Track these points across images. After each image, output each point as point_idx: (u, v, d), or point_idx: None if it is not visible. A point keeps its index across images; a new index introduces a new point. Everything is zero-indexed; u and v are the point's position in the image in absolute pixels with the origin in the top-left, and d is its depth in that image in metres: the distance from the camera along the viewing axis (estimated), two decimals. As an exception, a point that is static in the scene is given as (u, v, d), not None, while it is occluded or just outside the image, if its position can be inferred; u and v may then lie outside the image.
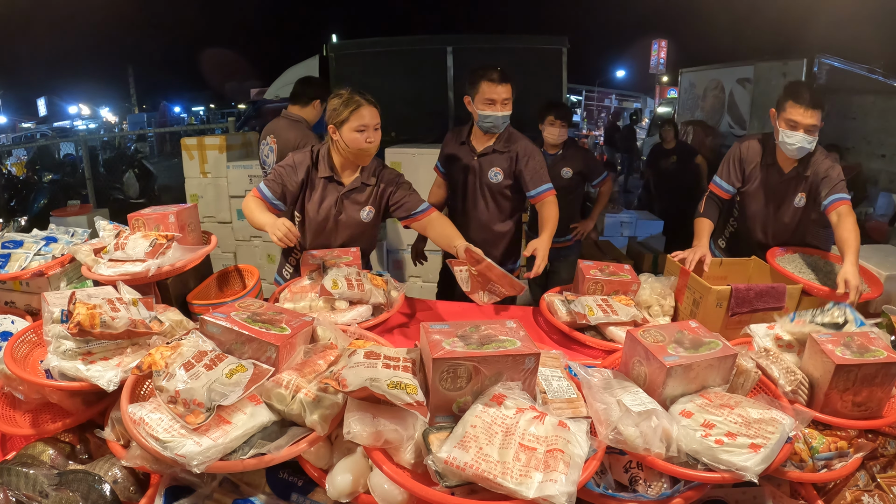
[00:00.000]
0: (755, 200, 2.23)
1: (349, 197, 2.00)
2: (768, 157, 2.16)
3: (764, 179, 2.18)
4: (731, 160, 2.23)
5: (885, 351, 1.25)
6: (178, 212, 1.79)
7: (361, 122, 1.87)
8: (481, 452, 0.94)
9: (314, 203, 2.00)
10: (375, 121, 1.90)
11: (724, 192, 2.24)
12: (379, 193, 2.02)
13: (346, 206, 2.00)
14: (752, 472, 1.00)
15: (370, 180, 2.01)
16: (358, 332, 1.46)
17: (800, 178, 2.13)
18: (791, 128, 1.99)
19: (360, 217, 2.01)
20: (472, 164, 2.36)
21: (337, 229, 2.03)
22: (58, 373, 1.21)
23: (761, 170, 2.18)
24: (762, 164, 2.17)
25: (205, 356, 1.11)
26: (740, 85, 6.25)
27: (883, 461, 1.29)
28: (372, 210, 2.03)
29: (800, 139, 1.98)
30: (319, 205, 1.99)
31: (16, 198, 6.48)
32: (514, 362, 1.07)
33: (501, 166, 2.31)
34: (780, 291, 1.73)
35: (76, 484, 1.08)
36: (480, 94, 2.19)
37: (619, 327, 1.65)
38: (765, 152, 2.17)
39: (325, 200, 1.99)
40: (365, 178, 2.00)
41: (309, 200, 2.01)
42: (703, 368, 1.17)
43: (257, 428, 1.06)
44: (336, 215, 2.00)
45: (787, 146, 2.01)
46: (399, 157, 3.77)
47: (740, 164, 2.22)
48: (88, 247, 1.69)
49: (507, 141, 2.31)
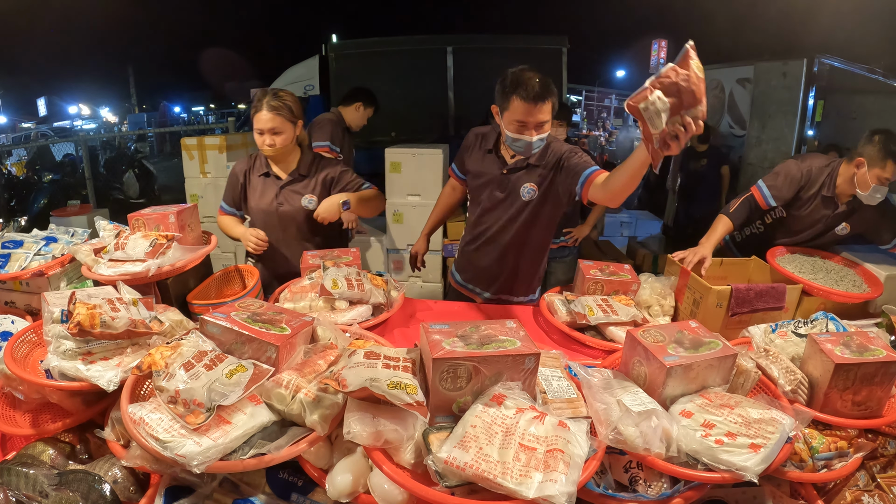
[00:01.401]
0: (801, 223, 2.22)
1: (287, 188, 2.08)
2: (829, 189, 2.16)
3: (818, 208, 2.18)
4: (787, 179, 2.18)
5: (885, 350, 1.25)
6: (178, 212, 1.79)
7: (258, 125, 1.95)
8: (481, 452, 0.94)
9: (255, 199, 2.10)
10: (271, 126, 1.95)
11: (765, 203, 2.21)
12: (319, 182, 2.10)
13: (286, 197, 2.08)
14: (751, 472, 1.00)
15: (307, 171, 2.09)
16: (358, 332, 1.46)
17: (852, 210, 2.16)
18: (882, 183, 2.02)
19: (303, 205, 2.08)
20: (501, 178, 1.95)
21: (282, 221, 2.10)
22: (58, 373, 1.21)
23: (817, 199, 2.18)
24: (820, 193, 2.17)
25: (205, 356, 1.11)
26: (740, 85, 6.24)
27: (883, 461, 1.29)
28: (314, 198, 2.08)
29: (884, 192, 2.04)
30: (260, 200, 2.09)
31: (16, 198, 6.48)
32: (514, 362, 1.07)
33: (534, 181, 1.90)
34: (781, 291, 1.73)
35: (76, 484, 1.08)
36: (511, 112, 1.75)
37: (619, 327, 1.65)
38: (825, 183, 2.17)
39: (265, 195, 2.09)
40: (302, 170, 2.09)
41: (251, 198, 2.11)
42: (703, 368, 1.17)
43: (257, 428, 1.06)
44: (278, 207, 2.08)
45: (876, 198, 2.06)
46: (399, 157, 3.77)
47: (797, 189, 2.18)
48: (88, 247, 1.69)
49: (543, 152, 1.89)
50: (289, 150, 2.06)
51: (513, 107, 1.74)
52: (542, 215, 1.94)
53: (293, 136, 2.03)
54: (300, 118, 2.03)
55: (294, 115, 1.99)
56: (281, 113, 1.95)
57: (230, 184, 2.15)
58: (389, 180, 3.84)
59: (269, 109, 1.94)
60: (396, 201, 3.85)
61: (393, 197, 3.84)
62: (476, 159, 2.03)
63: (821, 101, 5.00)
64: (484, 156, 2.00)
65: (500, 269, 2.05)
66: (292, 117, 1.99)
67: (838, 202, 2.16)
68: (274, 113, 1.94)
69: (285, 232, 2.10)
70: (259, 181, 2.09)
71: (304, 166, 2.09)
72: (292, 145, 2.06)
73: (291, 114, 1.98)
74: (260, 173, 2.09)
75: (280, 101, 1.95)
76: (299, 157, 2.10)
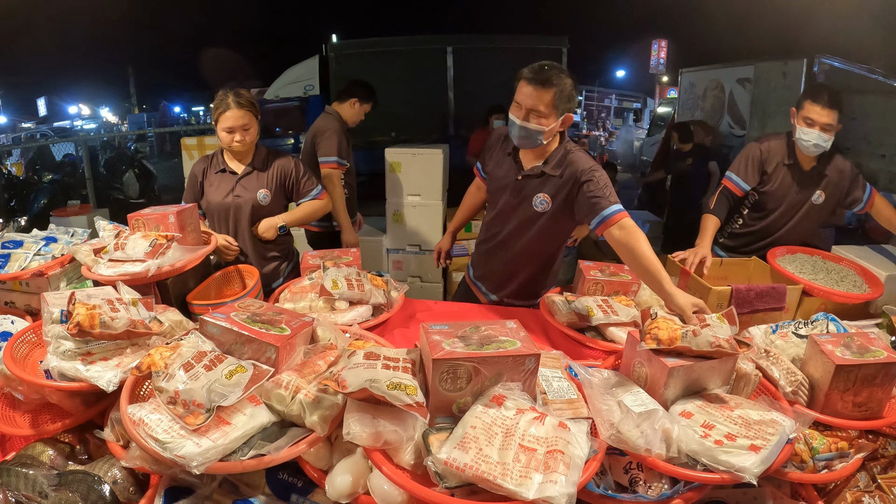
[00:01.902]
0: (774, 199, 2.28)
1: (243, 182, 2.14)
2: (789, 157, 2.24)
3: (785, 178, 2.25)
4: (749, 159, 2.27)
5: (885, 351, 1.25)
6: (178, 212, 1.79)
7: (226, 124, 2.01)
8: (481, 453, 0.94)
9: (212, 193, 2.15)
10: (242, 122, 2.02)
11: (738, 189, 2.28)
12: (274, 176, 2.16)
13: (241, 190, 2.13)
14: (751, 473, 1.00)
15: (262, 165, 2.15)
16: (358, 333, 1.46)
17: (820, 176, 2.22)
18: (808, 125, 2.10)
19: (258, 199, 2.14)
20: (516, 184, 1.87)
21: (237, 213, 2.14)
22: (57, 373, 1.21)
23: (783, 169, 2.25)
24: (784, 163, 2.24)
25: (204, 357, 1.11)
26: (740, 85, 6.24)
27: (883, 462, 1.28)
28: (268, 193, 2.14)
29: (815, 136, 2.09)
30: (216, 194, 2.14)
31: (16, 198, 6.48)
32: (515, 363, 1.06)
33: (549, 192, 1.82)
34: (781, 292, 1.73)
35: (76, 484, 1.08)
36: (515, 94, 1.72)
37: (619, 328, 1.65)
38: (787, 152, 2.25)
39: (221, 189, 2.14)
40: (257, 164, 2.15)
41: (208, 193, 2.16)
42: (704, 370, 1.17)
43: (257, 429, 1.06)
44: (234, 199, 2.13)
45: (803, 143, 2.12)
46: (399, 158, 3.77)
47: (761, 165, 2.26)
48: (88, 247, 1.68)
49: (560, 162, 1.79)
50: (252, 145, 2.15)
51: (517, 88, 1.72)
52: (554, 228, 1.89)
53: (258, 131, 2.12)
54: (259, 115, 2.13)
55: (256, 110, 2.09)
56: (249, 109, 2.03)
57: (189, 184, 2.21)
58: (389, 180, 3.84)
59: (239, 106, 2.01)
60: (396, 201, 3.85)
61: (393, 197, 3.84)
62: (496, 161, 1.98)
63: (821, 101, 4.99)
64: (503, 158, 1.93)
65: (507, 275, 2.04)
66: (257, 112, 2.09)
67: (802, 167, 2.22)
68: (244, 110, 2.02)
69: (239, 225, 2.16)
70: (216, 177, 2.16)
71: (258, 161, 2.16)
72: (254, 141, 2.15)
73: (255, 109, 2.08)
74: (217, 170, 2.17)
75: (245, 99, 2.03)
76: (254, 152, 2.18)
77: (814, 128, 2.08)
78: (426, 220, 3.84)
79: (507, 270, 2.03)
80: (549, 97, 1.67)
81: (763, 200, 2.31)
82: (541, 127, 1.70)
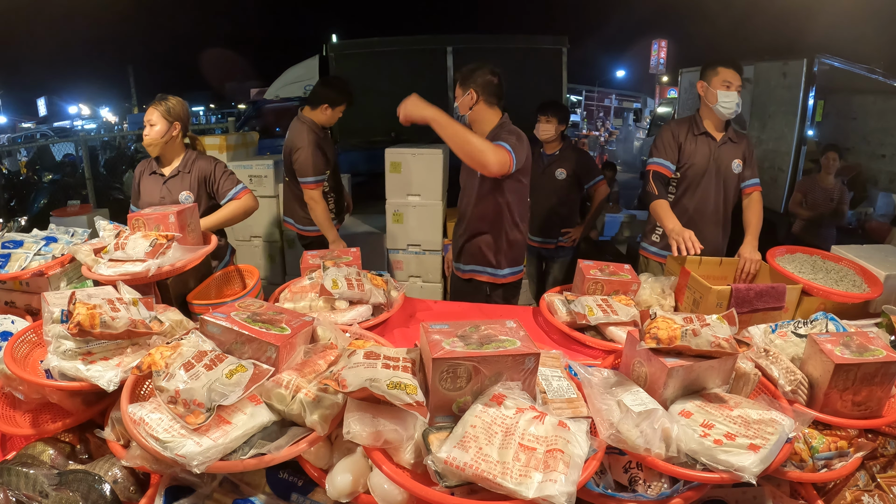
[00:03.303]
0: (693, 170, 2.37)
1: (168, 184, 2.30)
2: (697, 128, 2.36)
3: (701, 150, 2.35)
4: (665, 140, 2.37)
5: (885, 350, 1.25)
6: (179, 212, 1.79)
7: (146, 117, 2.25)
8: (481, 452, 0.94)
9: (145, 195, 2.33)
10: (148, 117, 2.25)
11: (667, 170, 2.35)
12: (195, 178, 2.31)
13: (167, 192, 2.30)
14: (750, 472, 1.00)
15: (185, 167, 2.31)
16: (358, 332, 1.46)
17: (731, 143, 2.35)
18: (727, 88, 2.22)
19: (180, 201, 2.27)
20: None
21: None
22: (58, 373, 1.21)
23: (695, 141, 2.35)
24: (694, 135, 2.35)
25: (205, 356, 1.11)
26: (740, 85, 6.25)
27: (883, 461, 1.29)
28: (190, 194, 2.29)
29: (734, 97, 2.24)
30: (148, 196, 2.31)
31: (16, 198, 6.48)
32: (514, 362, 1.07)
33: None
34: (780, 291, 1.73)
35: (76, 484, 1.08)
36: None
37: (619, 327, 1.65)
38: (692, 125, 2.37)
39: (152, 192, 2.31)
40: (181, 167, 2.31)
41: (143, 194, 2.34)
42: (703, 369, 1.17)
43: (257, 428, 1.06)
44: (161, 200, 2.28)
45: (725, 106, 2.24)
46: (399, 158, 3.77)
47: (675, 141, 2.35)
48: (88, 247, 1.69)
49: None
50: (170, 147, 2.30)
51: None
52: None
53: (164, 132, 2.25)
54: (178, 121, 2.28)
55: (171, 115, 2.26)
56: (158, 108, 2.24)
57: (133, 185, 2.40)
58: (389, 180, 3.84)
59: (151, 105, 2.25)
60: (396, 201, 3.85)
61: (393, 197, 3.84)
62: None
63: (821, 101, 5.00)
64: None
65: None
66: (169, 116, 2.25)
67: (713, 136, 2.35)
68: (152, 107, 2.24)
69: None
70: (149, 179, 2.34)
71: (182, 163, 2.33)
72: (173, 143, 2.30)
73: (168, 113, 2.25)
74: (150, 172, 2.34)
75: (162, 101, 2.26)
76: (183, 156, 2.34)
77: (731, 90, 2.22)
78: (426, 220, 3.83)
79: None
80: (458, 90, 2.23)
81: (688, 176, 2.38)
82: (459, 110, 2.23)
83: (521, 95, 2.31)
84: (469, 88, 2.20)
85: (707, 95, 2.31)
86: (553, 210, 3.39)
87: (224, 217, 2.27)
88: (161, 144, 2.26)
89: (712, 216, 2.41)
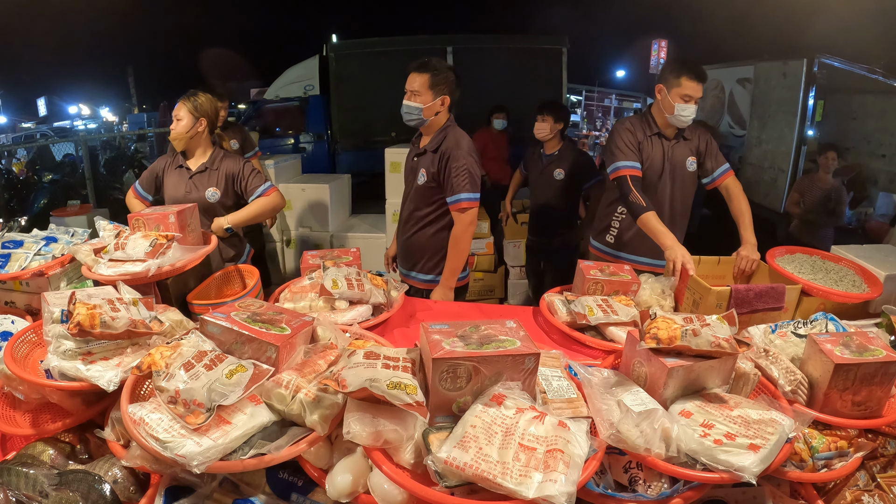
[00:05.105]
0: (654, 174, 2.33)
1: (195, 179, 2.32)
2: (650, 128, 2.32)
3: (656, 150, 2.32)
4: (623, 140, 2.29)
5: (884, 350, 1.25)
6: (178, 212, 1.79)
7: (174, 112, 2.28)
8: (481, 452, 0.94)
9: (170, 189, 2.34)
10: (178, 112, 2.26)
11: (638, 171, 2.26)
12: (223, 175, 2.33)
13: (193, 187, 2.32)
14: (749, 472, 1.00)
15: (213, 164, 2.34)
16: (358, 332, 1.46)
17: (684, 141, 2.33)
18: (685, 101, 2.18)
19: (206, 197, 2.30)
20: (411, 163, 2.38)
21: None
22: (58, 373, 1.21)
23: (650, 141, 2.31)
24: (649, 135, 2.32)
25: (205, 356, 1.11)
26: (740, 85, 6.24)
27: (883, 461, 1.29)
28: (217, 191, 2.32)
29: (692, 111, 2.20)
30: (174, 190, 2.33)
31: (16, 198, 6.48)
32: (514, 362, 1.07)
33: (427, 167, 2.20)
34: (780, 291, 1.73)
35: (76, 484, 1.08)
36: None
37: (619, 327, 1.65)
38: (645, 125, 2.32)
39: (178, 186, 2.33)
40: (209, 164, 2.33)
41: (167, 188, 2.35)
42: (703, 369, 1.17)
43: (257, 428, 1.06)
44: (186, 195, 2.30)
45: (682, 118, 2.20)
46: (399, 157, 3.77)
47: (636, 140, 2.29)
48: (88, 247, 1.69)
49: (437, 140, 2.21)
50: (195, 143, 2.32)
51: None
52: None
53: (190, 127, 2.27)
54: (205, 118, 2.29)
55: (198, 111, 2.27)
56: (186, 104, 2.26)
57: (150, 170, 2.40)
58: (389, 180, 3.84)
59: (181, 100, 2.26)
60: (396, 201, 3.84)
61: (393, 197, 3.84)
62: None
63: (821, 101, 5.00)
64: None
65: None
66: (196, 112, 2.27)
67: (666, 135, 2.32)
68: (181, 103, 2.26)
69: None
70: (174, 172, 2.35)
71: (210, 160, 2.35)
72: (199, 138, 2.32)
73: (196, 110, 2.27)
74: (176, 165, 2.35)
75: (191, 97, 2.27)
76: (210, 152, 2.35)
77: (690, 103, 2.18)
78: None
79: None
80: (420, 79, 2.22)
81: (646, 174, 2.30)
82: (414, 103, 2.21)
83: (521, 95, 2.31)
84: (444, 94, 2.19)
85: (664, 102, 2.24)
86: (552, 210, 3.39)
87: (252, 213, 2.29)
88: (186, 139, 2.28)
89: (668, 216, 2.32)
